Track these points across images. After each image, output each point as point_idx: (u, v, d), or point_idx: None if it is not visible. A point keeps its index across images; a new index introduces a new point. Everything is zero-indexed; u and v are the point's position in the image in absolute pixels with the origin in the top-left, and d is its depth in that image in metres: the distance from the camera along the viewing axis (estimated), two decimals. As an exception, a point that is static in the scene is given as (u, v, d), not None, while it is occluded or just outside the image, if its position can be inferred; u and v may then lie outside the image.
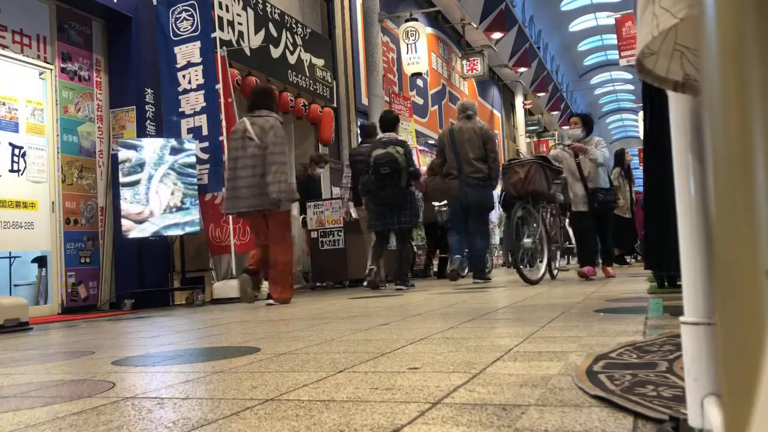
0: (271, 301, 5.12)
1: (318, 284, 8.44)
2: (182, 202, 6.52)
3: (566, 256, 12.58)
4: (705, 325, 0.80)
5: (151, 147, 6.44)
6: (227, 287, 6.40)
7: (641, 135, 7.90)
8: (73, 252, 6.46)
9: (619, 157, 9.69)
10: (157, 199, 6.37)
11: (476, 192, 6.44)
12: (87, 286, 6.56)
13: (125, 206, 6.23)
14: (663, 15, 0.66)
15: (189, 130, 6.92)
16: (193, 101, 6.93)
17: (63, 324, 4.92)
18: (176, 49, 6.98)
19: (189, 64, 6.94)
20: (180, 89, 6.97)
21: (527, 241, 5.65)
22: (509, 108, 23.82)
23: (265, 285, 5.52)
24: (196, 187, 6.69)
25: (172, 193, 6.47)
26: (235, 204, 5.08)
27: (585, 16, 28.00)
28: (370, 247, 6.84)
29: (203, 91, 6.89)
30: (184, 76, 6.96)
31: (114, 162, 6.67)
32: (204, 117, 6.89)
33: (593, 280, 5.82)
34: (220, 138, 6.81)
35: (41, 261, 6.62)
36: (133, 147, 6.37)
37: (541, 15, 25.30)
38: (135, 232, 6.25)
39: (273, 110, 5.28)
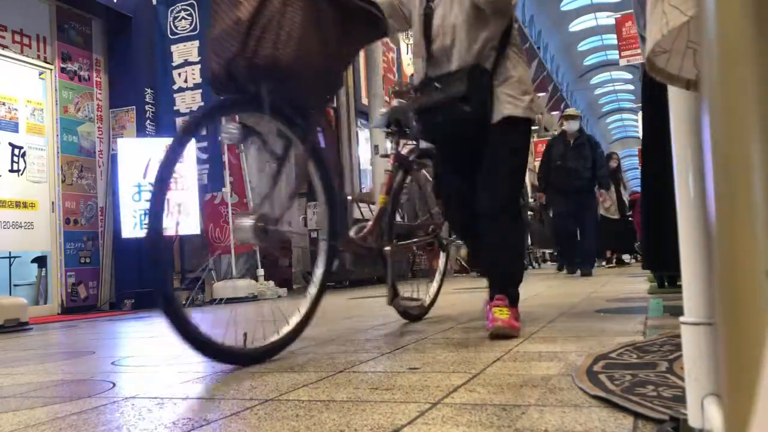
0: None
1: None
2: (188, 198, 6.55)
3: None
4: (705, 325, 0.80)
5: (151, 147, 6.44)
6: (227, 287, 6.39)
7: (641, 135, 7.92)
8: (72, 252, 6.45)
9: (606, 162, 9.78)
10: (170, 197, 6.41)
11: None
12: (87, 286, 6.55)
13: (137, 205, 6.24)
14: (672, 13, 0.65)
15: (185, 129, 6.88)
16: (189, 100, 6.90)
17: (63, 324, 4.92)
18: (173, 47, 6.96)
19: (186, 63, 6.92)
20: (175, 87, 6.94)
21: (242, 221, 2.12)
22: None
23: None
24: (197, 184, 6.68)
25: (179, 190, 6.49)
26: None
27: (585, 16, 28.01)
28: None
29: (200, 90, 6.87)
30: (180, 74, 6.93)
31: (114, 162, 6.67)
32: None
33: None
34: (220, 138, 6.79)
35: (41, 261, 6.61)
36: (131, 147, 6.37)
37: (541, 15, 25.30)
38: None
39: None
